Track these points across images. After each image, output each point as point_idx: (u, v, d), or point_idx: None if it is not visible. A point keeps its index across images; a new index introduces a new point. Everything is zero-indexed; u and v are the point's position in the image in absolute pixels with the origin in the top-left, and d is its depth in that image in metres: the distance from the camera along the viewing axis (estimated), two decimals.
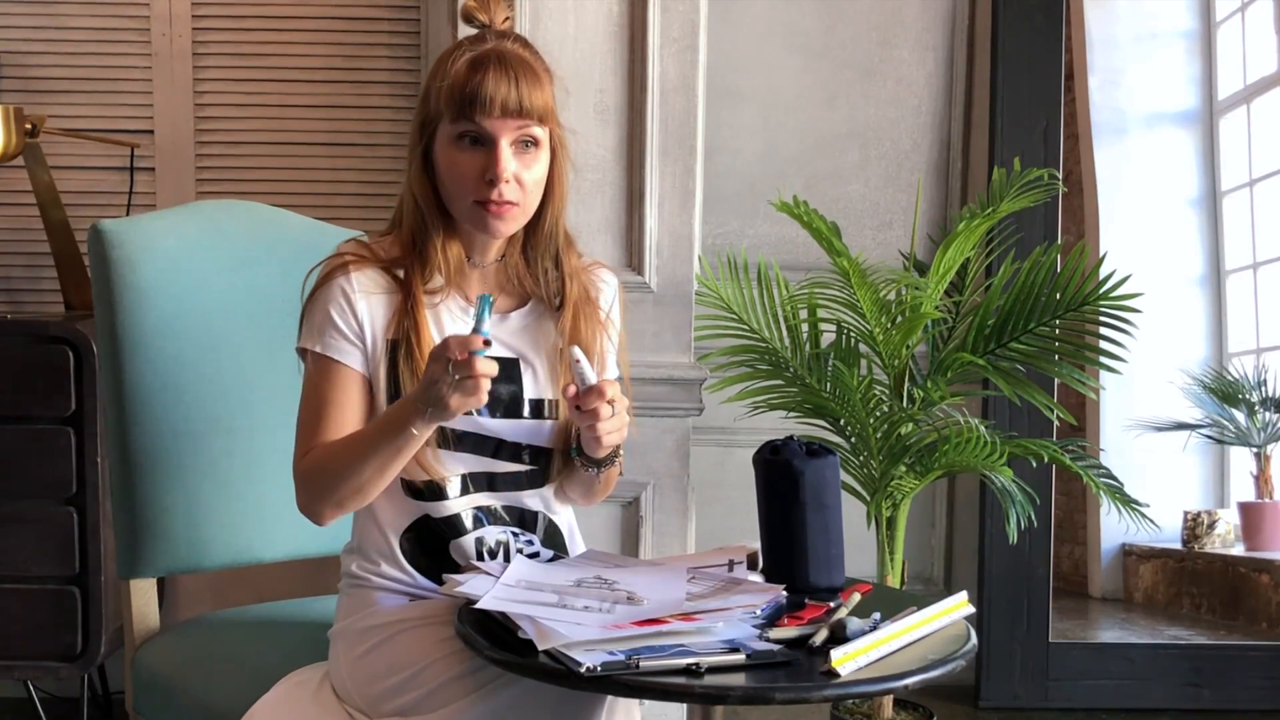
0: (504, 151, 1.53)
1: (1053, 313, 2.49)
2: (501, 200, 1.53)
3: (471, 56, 1.53)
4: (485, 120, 1.52)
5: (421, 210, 1.59)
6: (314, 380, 1.58)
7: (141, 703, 1.88)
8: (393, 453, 1.48)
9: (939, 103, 3.07)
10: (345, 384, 1.57)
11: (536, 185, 1.57)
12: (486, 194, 1.53)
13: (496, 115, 1.51)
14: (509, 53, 1.54)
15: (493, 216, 1.55)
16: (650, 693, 1.26)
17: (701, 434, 2.73)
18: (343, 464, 1.51)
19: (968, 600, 1.50)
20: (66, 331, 2.39)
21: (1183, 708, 2.97)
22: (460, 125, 1.53)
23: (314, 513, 1.57)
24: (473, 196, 1.54)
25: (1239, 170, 3.13)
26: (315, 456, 1.55)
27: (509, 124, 1.52)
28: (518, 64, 1.53)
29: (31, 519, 2.41)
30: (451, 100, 1.53)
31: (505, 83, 1.51)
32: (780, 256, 2.81)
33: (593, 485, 1.67)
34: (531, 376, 1.63)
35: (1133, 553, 3.16)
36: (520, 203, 1.56)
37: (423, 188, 1.59)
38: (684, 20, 2.39)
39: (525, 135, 1.54)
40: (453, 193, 1.56)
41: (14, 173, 2.80)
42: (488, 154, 1.53)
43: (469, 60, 1.53)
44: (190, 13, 2.85)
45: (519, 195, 1.55)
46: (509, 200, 1.54)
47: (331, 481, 1.52)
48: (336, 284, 1.57)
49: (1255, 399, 3.07)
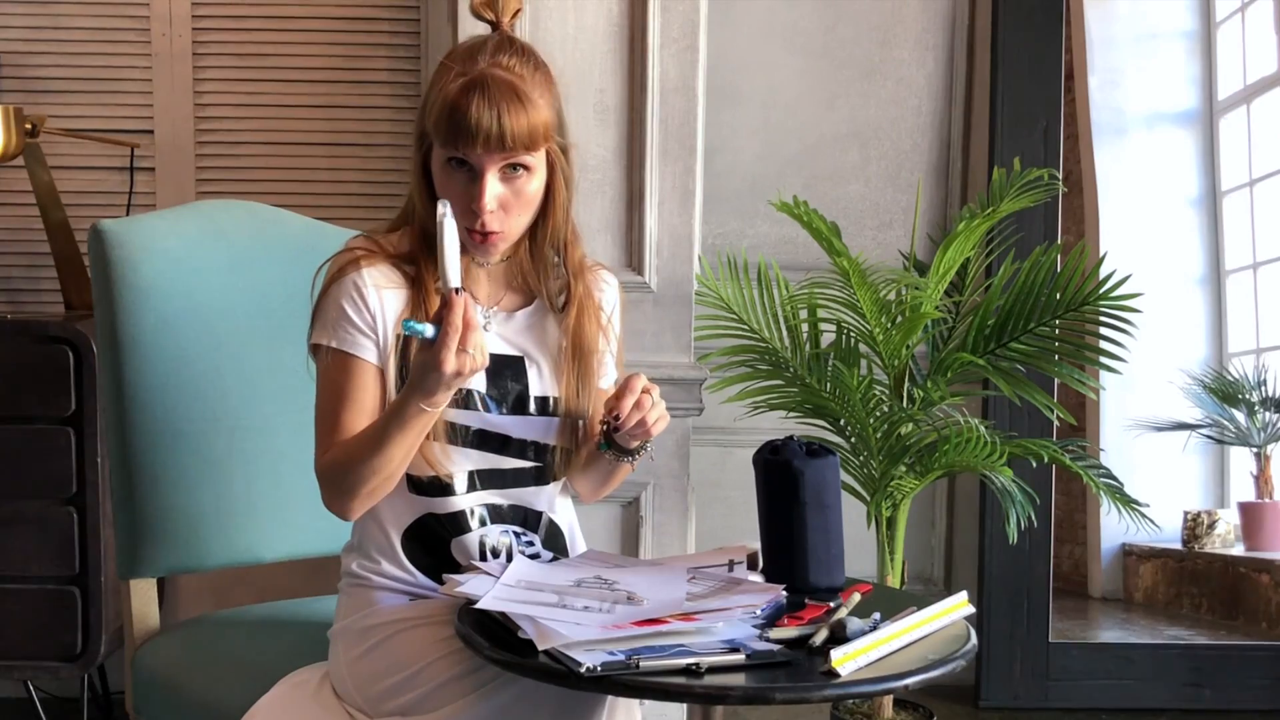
0: (488, 183, 1.51)
1: (1053, 313, 2.49)
2: (486, 230, 1.53)
3: (463, 82, 1.50)
4: (469, 153, 1.50)
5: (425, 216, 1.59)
6: (331, 375, 1.57)
7: (141, 703, 1.88)
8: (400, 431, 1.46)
9: (939, 103, 3.07)
10: (362, 377, 1.56)
11: (527, 203, 1.56)
12: (471, 223, 1.53)
13: (479, 150, 1.50)
14: (498, 79, 1.50)
15: (475, 245, 1.56)
16: (650, 693, 1.26)
17: (701, 434, 2.73)
18: (366, 455, 1.49)
19: (968, 600, 1.50)
20: (66, 331, 2.39)
21: (1183, 708, 2.97)
22: (448, 151, 1.52)
23: (342, 508, 1.55)
24: (461, 221, 1.52)
25: (1239, 170, 3.12)
26: (334, 456, 1.54)
27: (494, 157, 1.51)
28: (505, 92, 1.49)
29: (31, 519, 2.41)
30: (439, 125, 1.51)
31: (488, 115, 1.48)
32: (780, 256, 2.81)
33: (610, 477, 1.68)
34: (537, 374, 1.63)
35: (1133, 553, 3.16)
36: (504, 230, 1.55)
37: (422, 196, 1.59)
38: (684, 20, 2.39)
39: (512, 163, 1.52)
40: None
41: (14, 173, 2.80)
42: (473, 183, 1.52)
43: (460, 85, 1.50)
44: (190, 13, 2.85)
45: (502, 224, 1.54)
46: (492, 230, 1.54)
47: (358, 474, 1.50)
48: (349, 279, 1.57)
49: (1255, 399, 3.07)
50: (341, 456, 1.53)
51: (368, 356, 1.56)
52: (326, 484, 1.55)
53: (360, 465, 1.50)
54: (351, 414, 1.55)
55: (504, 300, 1.66)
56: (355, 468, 1.50)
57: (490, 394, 1.60)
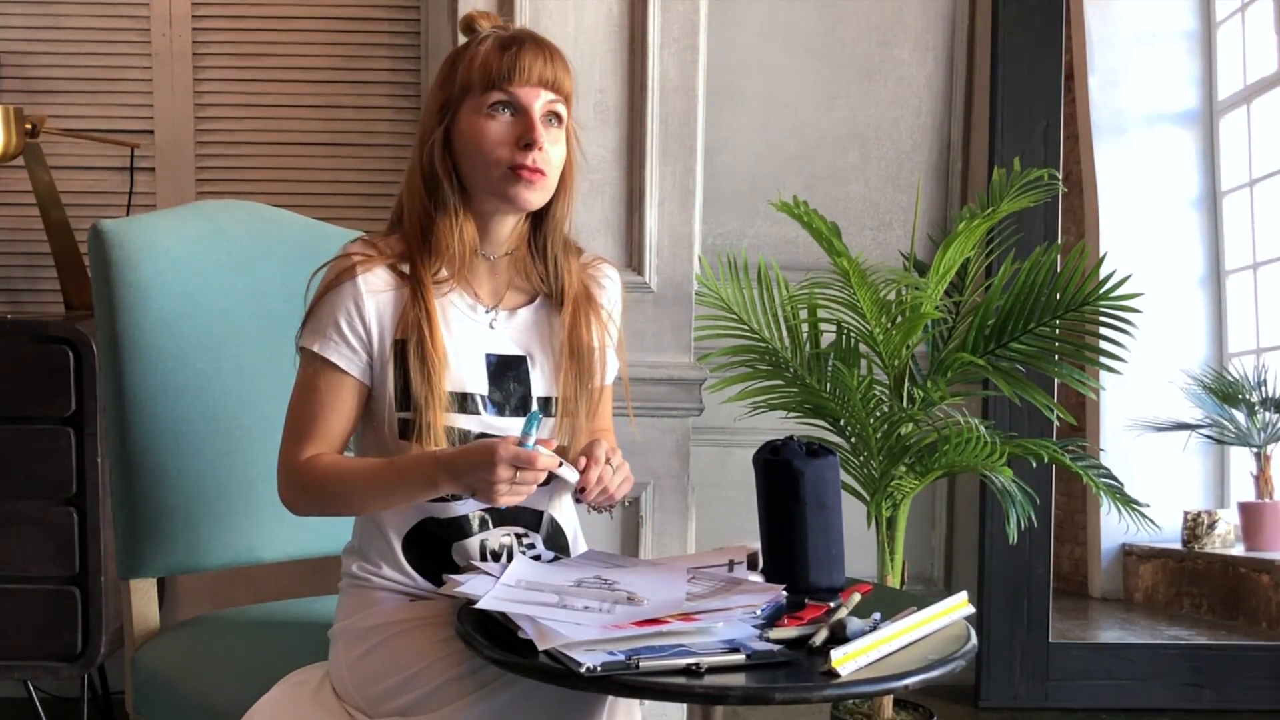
0: (537, 116, 1.56)
1: (1053, 313, 2.49)
2: (535, 167, 1.55)
3: (503, 36, 1.58)
4: (520, 88, 1.55)
5: (439, 192, 1.59)
6: (310, 380, 1.59)
7: (141, 703, 1.88)
8: (408, 497, 1.54)
9: (939, 103, 3.07)
10: (340, 389, 1.58)
11: (558, 169, 1.60)
12: (522, 159, 1.54)
13: (533, 83, 1.55)
14: (539, 36, 1.60)
15: (525, 184, 1.56)
16: (650, 693, 1.26)
17: (701, 434, 2.73)
18: (352, 489, 1.55)
19: (968, 600, 1.50)
20: (66, 331, 2.39)
21: (1183, 708, 2.97)
22: (492, 95, 1.55)
23: (298, 510, 1.61)
24: (507, 162, 1.55)
25: (1239, 170, 3.12)
26: (322, 471, 1.55)
27: (542, 94, 1.56)
28: (549, 45, 1.59)
29: (31, 519, 2.41)
30: (485, 72, 1.56)
31: (540, 57, 1.56)
32: (780, 256, 2.81)
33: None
34: (540, 374, 1.63)
35: (1133, 553, 3.16)
36: (549, 174, 1.58)
37: (445, 166, 1.59)
38: (684, 20, 2.39)
39: (553, 110, 1.58)
40: (479, 163, 1.57)
41: (14, 173, 2.80)
42: (521, 121, 1.55)
43: (500, 39, 1.58)
44: (190, 13, 2.85)
45: (549, 167, 1.57)
46: (540, 168, 1.56)
47: (334, 500, 1.57)
48: (345, 286, 1.57)
49: (1255, 399, 3.07)
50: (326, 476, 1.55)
51: (351, 371, 1.58)
52: (294, 486, 1.58)
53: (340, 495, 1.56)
54: (323, 422, 1.58)
55: (506, 298, 1.66)
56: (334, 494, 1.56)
57: (492, 396, 1.60)
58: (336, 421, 1.58)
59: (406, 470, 1.51)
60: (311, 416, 1.58)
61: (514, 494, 1.44)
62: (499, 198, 1.58)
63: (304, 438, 1.58)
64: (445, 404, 1.55)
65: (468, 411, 1.58)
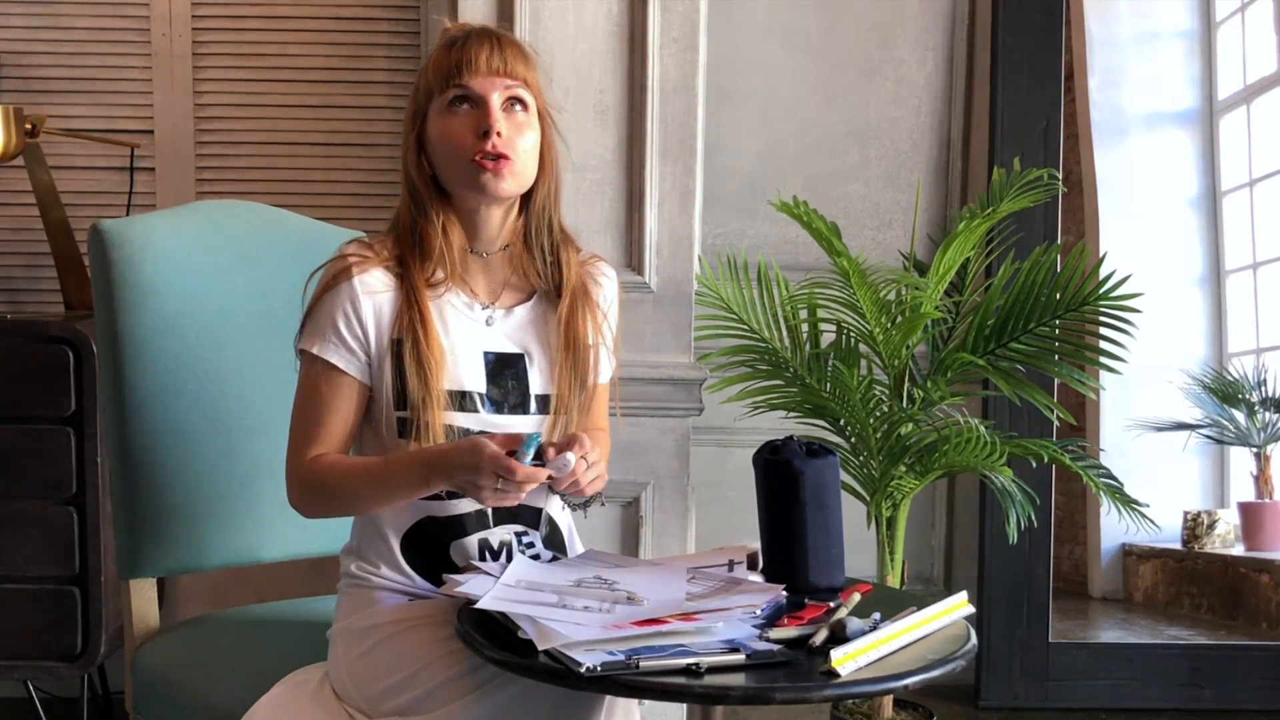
0: (495, 107, 1.56)
1: (1053, 313, 2.49)
2: (496, 153, 1.55)
3: (450, 33, 1.61)
4: (473, 79, 1.56)
5: (419, 197, 1.61)
6: (312, 382, 1.59)
7: (141, 703, 1.88)
8: (405, 495, 1.55)
9: (939, 103, 3.07)
10: (342, 390, 1.59)
11: (529, 154, 1.60)
12: (482, 147, 1.55)
13: (483, 73, 1.56)
14: (489, 27, 1.62)
15: (489, 173, 1.56)
16: (650, 693, 1.26)
17: (701, 434, 2.73)
18: (352, 488, 1.57)
19: (967, 600, 1.50)
20: (66, 331, 2.39)
21: (1183, 708, 2.97)
22: (449, 91, 1.57)
23: (308, 513, 1.63)
24: (469, 155, 1.56)
25: (1239, 170, 3.12)
26: (324, 471, 1.57)
27: (496, 82, 1.57)
28: (499, 34, 1.61)
29: (31, 519, 2.41)
30: (439, 72, 1.58)
31: (488, 46, 1.58)
32: (780, 256, 2.81)
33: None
34: (537, 371, 1.64)
35: (1133, 553, 3.16)
36: (514, 159, 1.57)
37: (420, 172, 1.61)
38: (684, 20, 2.39)
39: (513, 95, 1.58)
40: (448, 161, 1.58)
41: (14, 173, 2.80)
42: (479, 113, 1.56)
43: (448, 37, 1.61)
44: (190, 13, 2.85)
45: (511, 149, 1.57)
46: (503, 153, 1.56)
47: (338, 501, 1.59)
48: (342, 287, 1.58)
49: (1255, 399, 3.07)
50: (328, 478, 1.57)
51: (351, 371, 1.58)
52: (301, 490, 1.60)
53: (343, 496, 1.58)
54: (327, 424, 1.59)
55: (503, 296, 1.66)
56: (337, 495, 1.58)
57: (490, 394, 1.60)
58: (339, 422, 1.59)
59: (401, 468, 1.52)
60: (314, 419, 1.59)
61: (500, 498, 1.45)
62: (471, 190, 1.59)
63: (308, 440, 1.59)
64: (442, 403, 1.56)
65: (466, 409, 1.58)
